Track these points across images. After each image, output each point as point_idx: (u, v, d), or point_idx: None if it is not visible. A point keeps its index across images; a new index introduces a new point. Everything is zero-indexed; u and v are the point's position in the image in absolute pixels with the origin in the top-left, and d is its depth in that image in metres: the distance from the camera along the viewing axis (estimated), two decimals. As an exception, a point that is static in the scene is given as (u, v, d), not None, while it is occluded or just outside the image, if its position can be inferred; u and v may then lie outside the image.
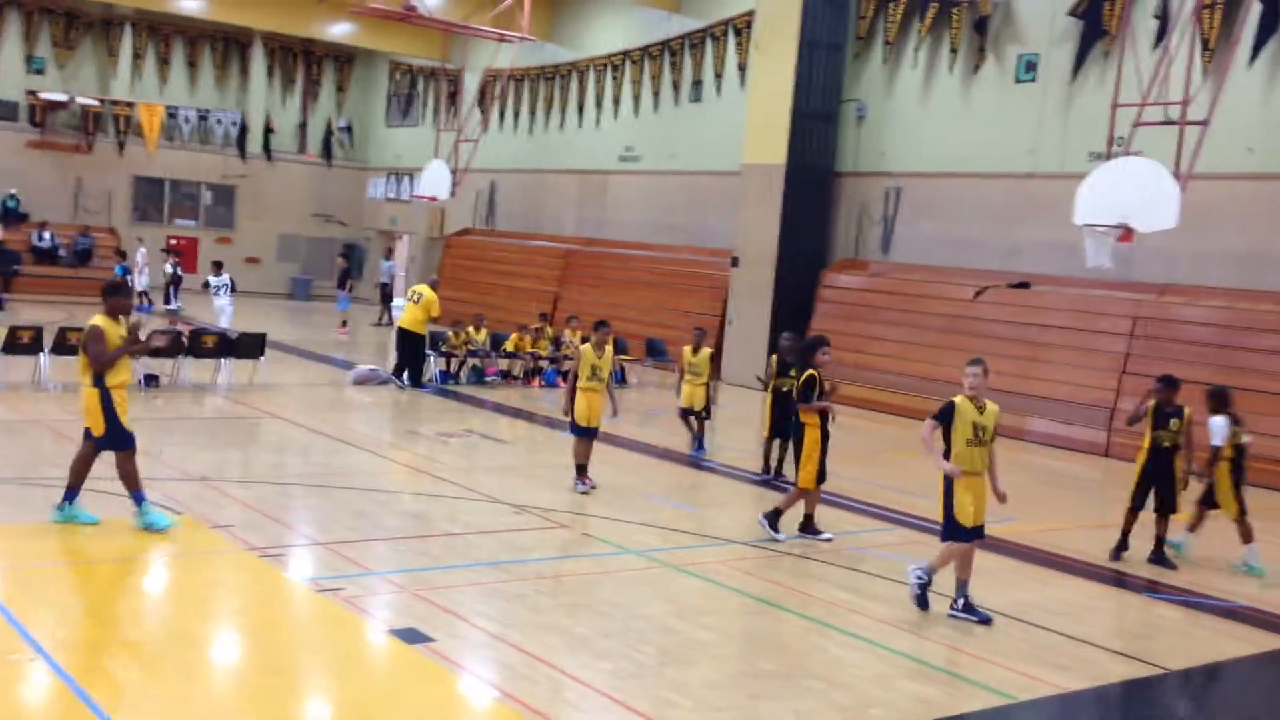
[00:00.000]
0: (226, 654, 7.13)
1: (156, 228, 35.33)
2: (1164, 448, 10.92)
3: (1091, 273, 16.61)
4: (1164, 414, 10.98)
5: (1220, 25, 17.67)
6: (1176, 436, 10.90)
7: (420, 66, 36.67)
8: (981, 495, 8.62)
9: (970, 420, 8.51)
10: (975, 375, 8.55)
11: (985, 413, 8.59)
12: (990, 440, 8.60)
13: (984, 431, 8.51)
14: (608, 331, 12.35)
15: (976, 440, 8.49)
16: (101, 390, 9.08)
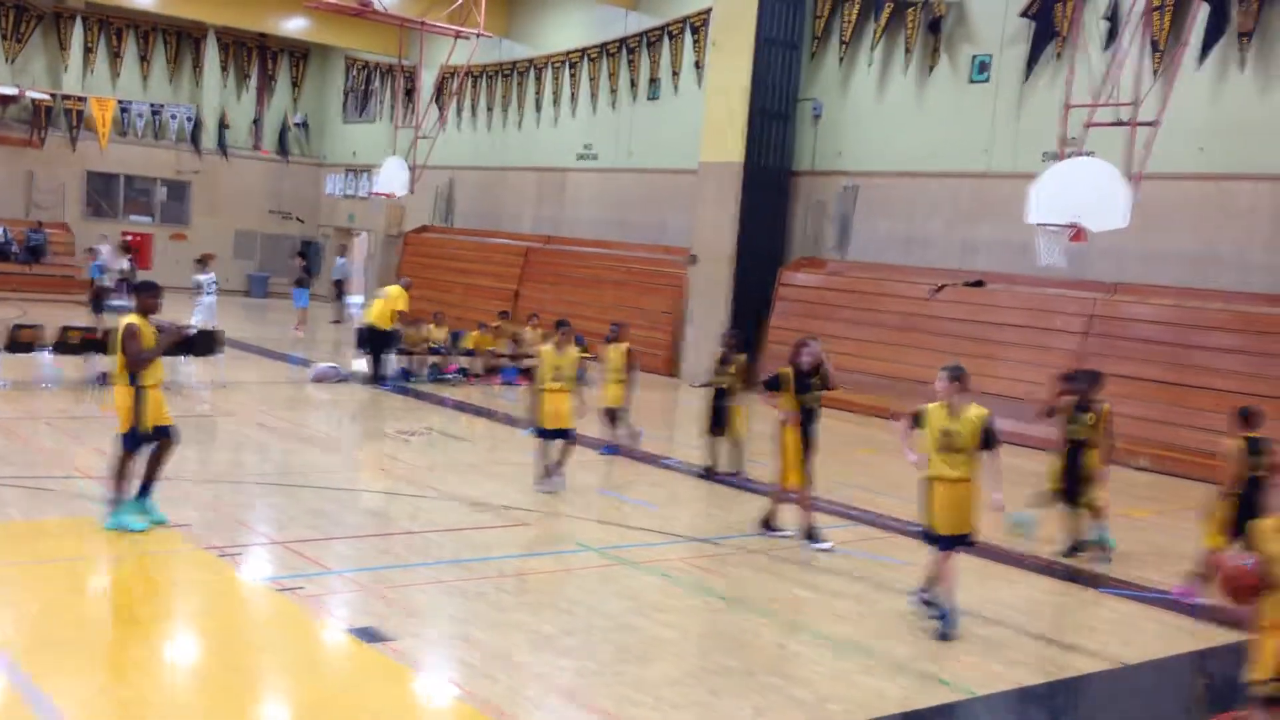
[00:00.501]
0: (184, 654, 7.09)
1: (110, 224, 34.88)
2: (1075, 441, 10.93)
3: (1045, 271, 16.83)
4: (1078, 408, 11.02)
5: (1169, 27, 17.96)
6: (1092, 431, 10.86)
7: (377, 62, 36.46)
8: (957, 503, 8.25)
9: (939, 426, 8.30)
10: (940, 381, 8.38)
11: (960, 419, 8.26)
12: (967, 447, 8.20)
13: (955, 437, 8.21)
14: (569, 331, 12.29)
15: (947, 446, 8.23)
16: (137, 389, 9.18)
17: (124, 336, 9.21)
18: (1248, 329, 16.80)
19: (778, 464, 10.64)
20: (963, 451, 8.21)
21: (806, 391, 10.48)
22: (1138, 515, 13.53)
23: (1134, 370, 17.56)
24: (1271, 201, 17.28)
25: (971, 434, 8.21)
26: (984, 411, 8.27)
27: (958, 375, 8.36)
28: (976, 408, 8.31)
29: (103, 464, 11.67)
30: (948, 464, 8.22)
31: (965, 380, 8.35)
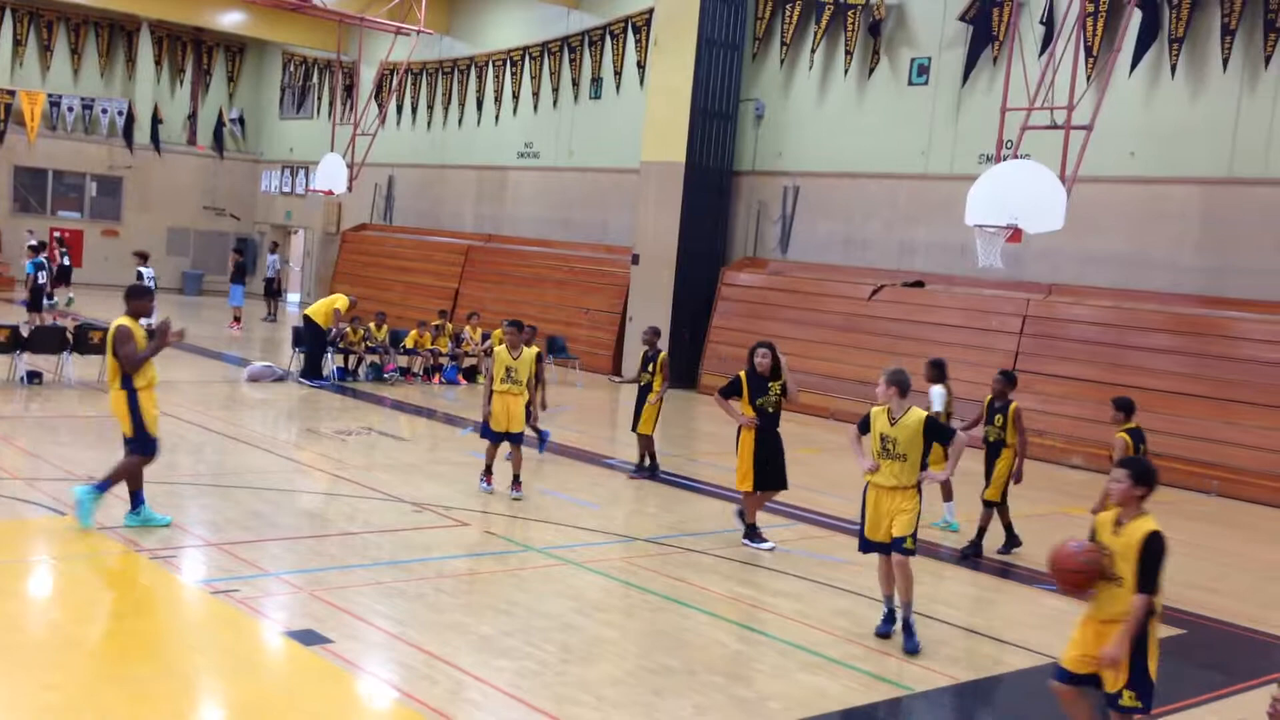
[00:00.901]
0: (116, 658, 6.93)
1: (39, 219, 34.17)
2: (990, 441, 11.12)
3: (983, 272, 17.02)
4: (992, 409, 11.24)
5: (1103, 33, 18.26)
6: (1000, 431, 11.08)
7: (315, 58, 36.07)
8: (888, 510, 7.98)
9: (879, 431, 8.04)
10: (880, 385, 8.15)
11: (897, 424, 7.99)
12: (905, 454, 7.91)
13: (892, 444, 7.92)
14: (519, 332, 11.83)
15: (885, 452, 7.98)
16: (130, 391, 9.15)
17: (116, 339, 9.09)
18: (1181, 330, 17.12)
19: (738, 468, 10.56)
20: (900, 459, 7.93)
21: (763, 395, 10.24)
22: (1074, 513, 13.73)
23: (1070, 370, 17.84)
24: (1202, 205, 17.63)
25: (909, 440, 7.92)
26: (922, 415, 7.99)
27: (896, 380, 8.09)
28: (916, 412, 8.04)
29: (30, 464, 11.42)
30: (888, 471, 7.96)
31: (905, 384, 8.08)
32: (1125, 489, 5.71)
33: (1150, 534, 5.61)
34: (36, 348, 16.62)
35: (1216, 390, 16.44)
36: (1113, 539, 5.73)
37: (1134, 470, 5.75)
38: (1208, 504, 15.19)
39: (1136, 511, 5.73)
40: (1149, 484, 5.75)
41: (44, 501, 9.96)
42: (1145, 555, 5.59)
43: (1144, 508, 5.72)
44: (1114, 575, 5.68)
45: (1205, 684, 8.06)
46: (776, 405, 10.33)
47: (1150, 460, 6.56)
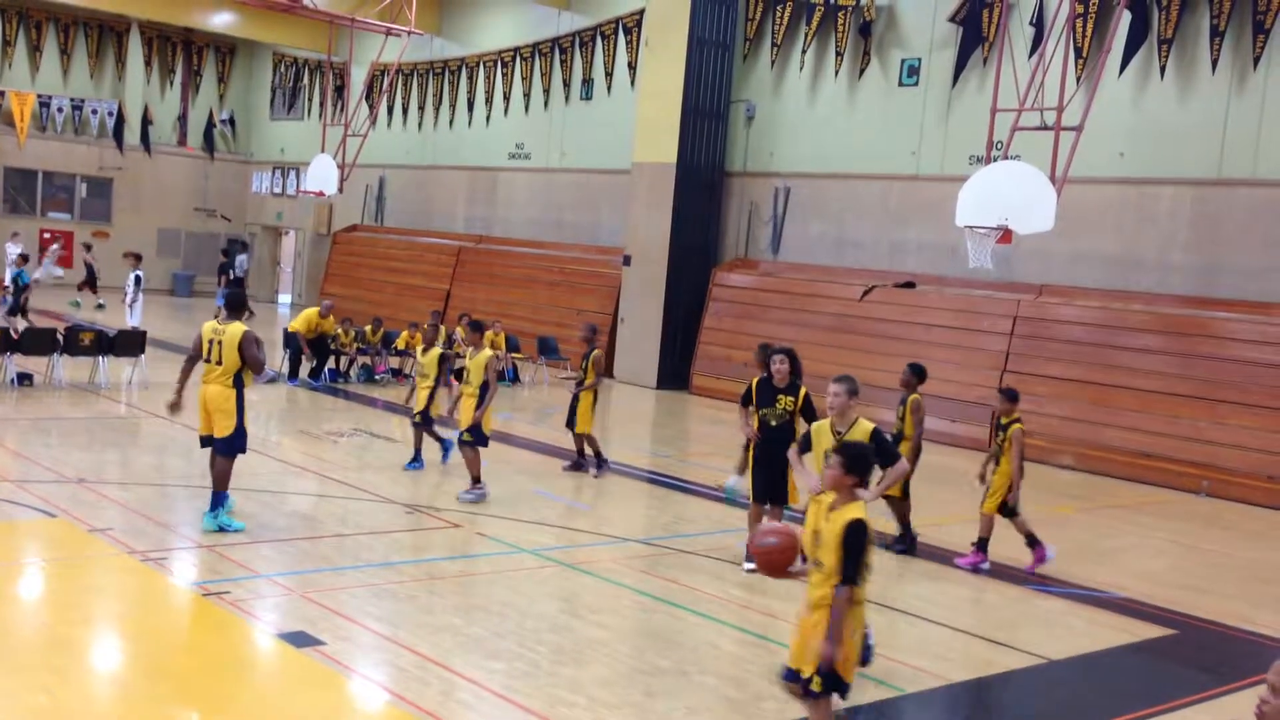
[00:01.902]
0: (108, 660, 6.93)
1: (29, 220, 34.08)
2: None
3: (973, 273, 17.06)
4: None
5: (1092, 35, 18.32)
6: (900, 423, 11.15)
7: (305, 59, 36.00)
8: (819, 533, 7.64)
9: (825, 446, 7.43)
10: (832, 394, 7.64)
11: (845, 437, 7.47)
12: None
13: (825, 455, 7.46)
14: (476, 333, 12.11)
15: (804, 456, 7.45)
16: (239, 391, 9.61)
17: (247, 342, 9.51)
18: (1169, 330, 17.18)
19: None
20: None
21: (768, 407, 9.41)
22: (1063, 513, 13.78)
23: (1059, 371, 17.89)
24: (1191, 206, 17.69)
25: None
26: (868, 427, 7.50)
27: (855, 390, 7.59)
28: (863, 425, 7.57)
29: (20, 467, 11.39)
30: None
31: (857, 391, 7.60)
32: (836, 475, 5.49)
33: (852, 522, 5.38)
34: (27, 350, 16.58)
35: (1206, 390, 16.49)
36: (824, 524, 5.50)
37: (847, 456, 5.53)
38: (1198, 504, 15.24)
39: (848, 499, 5.50)
40: (861, 472, 5.53)
41: (34, 504, 9.93)
42: (847, 543, 5.36)
43: (857, 494, 5.54)
44: (814, 560, 5.50)
45: (1195, 684, 8.09)
46: (782, 420, 9.41)
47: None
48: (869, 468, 5.66)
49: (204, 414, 9.66)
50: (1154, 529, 13.31)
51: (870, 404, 19.47)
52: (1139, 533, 13.06)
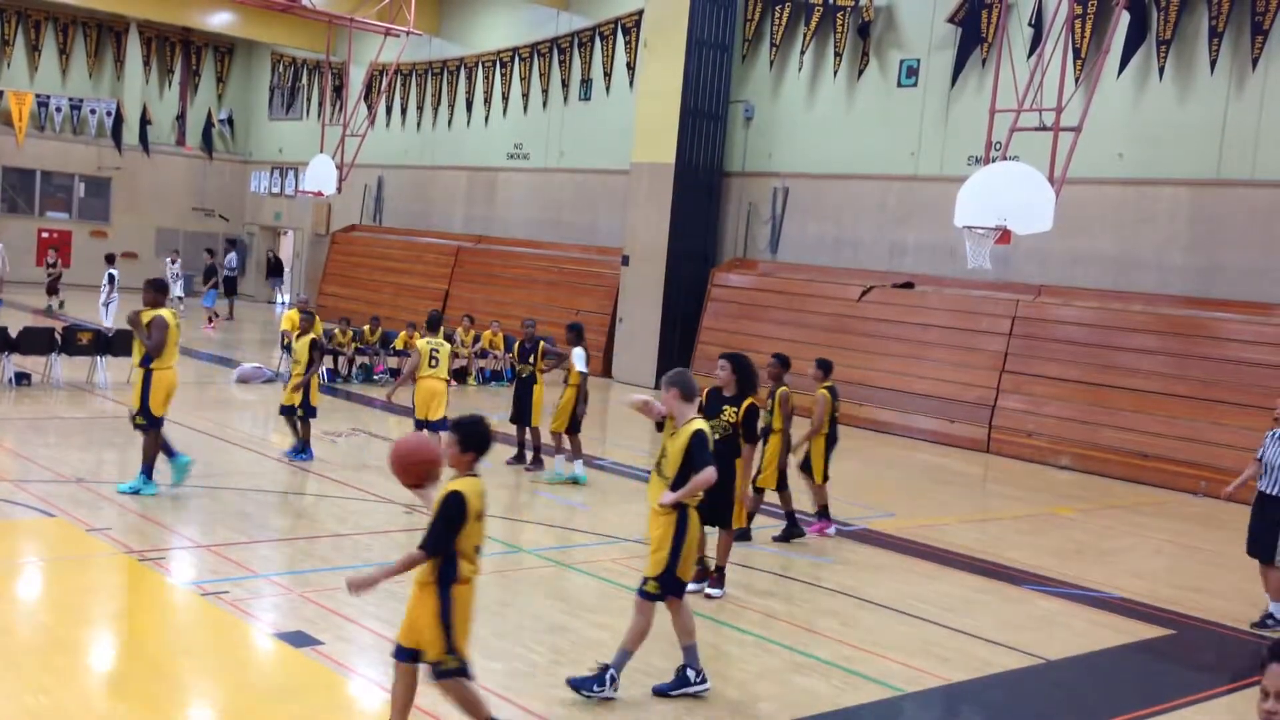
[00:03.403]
0: (106, 660, 6.92)
1: (27, 220, 34.07)
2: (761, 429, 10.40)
3: (972, 273, 17.08)
4: (769, 396, 10.73)
5: (1091, 35, 18.32)
6: (768, 417, 10.66)
7: (304, 59, 35.99)
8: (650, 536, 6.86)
9: (663, 444, 6.87)
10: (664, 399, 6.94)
11: (672, 439, 6.80)
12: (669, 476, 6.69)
13: (663, 462, 6.78)
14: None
15: (656, 469, 6.84)
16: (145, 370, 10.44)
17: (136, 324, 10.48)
18: (1167, 330, 17.19)
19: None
20: (665, 479, 6.74)
21: (714, 417, 8.48)
22: (1062, 513, 13.78)
23: (1058, 371, 17.89)
24: (1189, 206, 17.70)
25: (676, 457, 6.72)
26: (690, 429, 6.73)
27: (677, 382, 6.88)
28: (695, 423, 6.80)
29: (18, 466, 11.38)
30: (653, 490, 6.82)
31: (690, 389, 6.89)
32: (453, 454, 5.44)
33: (449, 493, 5.30)
34: (25, 349, 16.57)
35: (1204, 391, 16.50)
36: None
37: (460, 433, 5.45)
38: (1195, 504, 15.24)
39: (467, 473, 5.43)
40: (476, 448, 5.43)
41: (32, 504, 9.92)
42: (440, 512, 5.28)
43: (475, 470, 5.46)
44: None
45: (1194, 684, 8.10)
46: (725, 433, 8.45)
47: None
48: (482, 444, 5.47)
49: None
50: (1152, 529, 13.31)
51: (868, 404, 19.58)
52: (1137, 533, 13.07)
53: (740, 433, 8.53)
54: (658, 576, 6.69)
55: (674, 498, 6.63)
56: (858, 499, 13.40)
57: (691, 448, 6.64)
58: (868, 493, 13.99)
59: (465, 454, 5.44)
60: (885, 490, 14.40)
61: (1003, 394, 18.30)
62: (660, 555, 6.70)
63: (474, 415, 5.59)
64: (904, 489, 14.74)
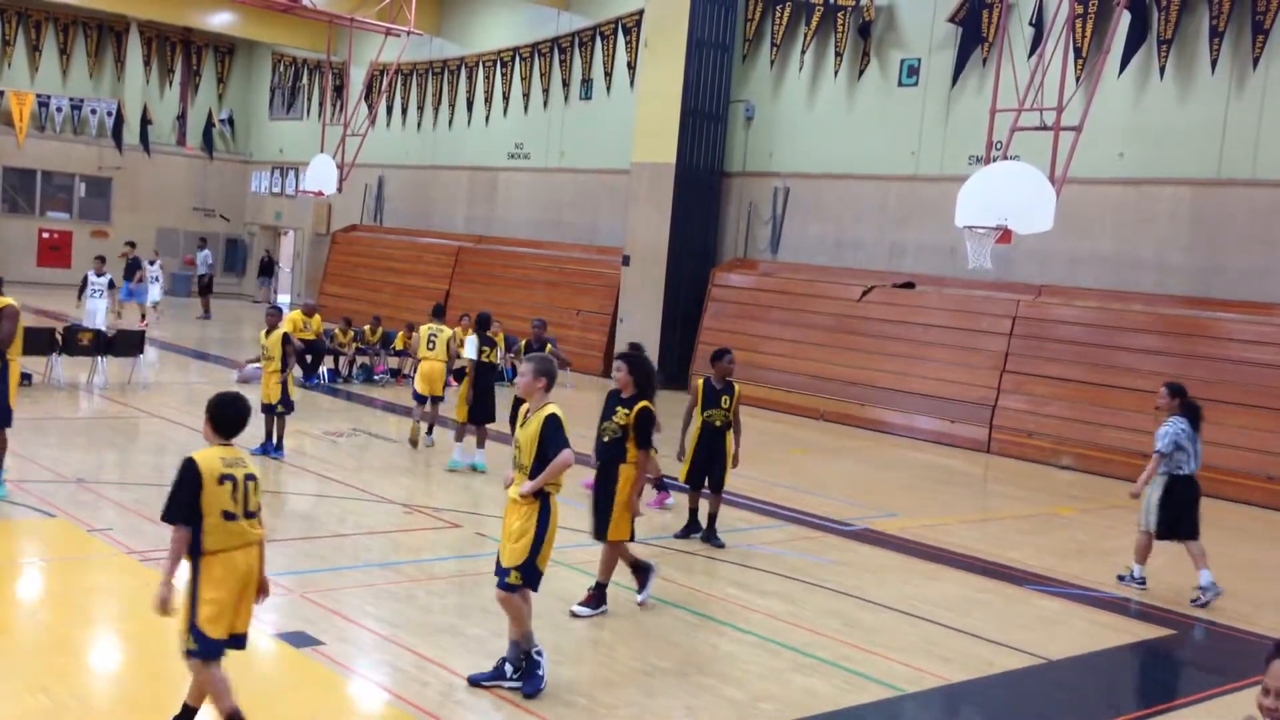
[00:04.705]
0: (106, 661, 6.92)
1: (27, 220, 34.07)
2: (715, 427, 10.58)
3: (972, 273, 17.07)
4: (715, 392, 10.61)
5: (1092, 35, 18.32)
6: (727, 414, 10.59)
7: (305, 59, 36.00)
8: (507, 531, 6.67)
9: (516, 433, 6.72)
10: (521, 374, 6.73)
11: (524, 427, 6.63)
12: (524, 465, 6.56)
13: (517, 452, 6.64)
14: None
15: (514, 461, 6.68)
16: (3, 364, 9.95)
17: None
18: (1168, 330, 17.18)
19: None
20: (522, 469, 6.59)
21: (606, 419, 8.36)
22: (1063, 513, 13.77)
23: (1058, 371, 17.88)
24: (1190, 206, 17.69)
25: (529, 447, 6.55)
26: (543, 413, 6.55)
27: (544, 371, 6.66)
28: (543, 411, 6.57)
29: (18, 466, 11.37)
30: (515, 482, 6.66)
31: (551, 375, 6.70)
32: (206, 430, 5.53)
33: (183, 461, 5.31)
34: (25, 349, 16.52)
35: (1204, 391, 16.40)
36: None
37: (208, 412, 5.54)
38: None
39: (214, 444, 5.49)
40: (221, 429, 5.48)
41: (32, 504, 9.92)
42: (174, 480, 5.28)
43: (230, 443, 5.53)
44: None
45: (1195, 684, 8.09)
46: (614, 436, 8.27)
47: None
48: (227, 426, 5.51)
49: None
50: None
51: (867, 404, 19.58)
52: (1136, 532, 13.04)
53: (632, 436, 8.18)
54: (519, 566, 6.57)
55: (533, 485, 6.49)
56: (859, 499, 13.40)
57: (543, 433, 6.48)
58: (869, 493, 13.99)
59: (215, 432, 5.49)
60: (886, 490, 14.39)
61: (1003, 394, 18.29)
62: (522, 544, 6.56)
63: (230, 394, 5.64)
64: (905, 489, 14.74)
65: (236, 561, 5.35)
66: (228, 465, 5.37)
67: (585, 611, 8.17)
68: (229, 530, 5.30)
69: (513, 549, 6.59)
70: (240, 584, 5.38)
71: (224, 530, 5.28)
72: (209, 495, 5.24)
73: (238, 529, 5.35)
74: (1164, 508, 10.11)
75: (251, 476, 5.49)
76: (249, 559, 5.45)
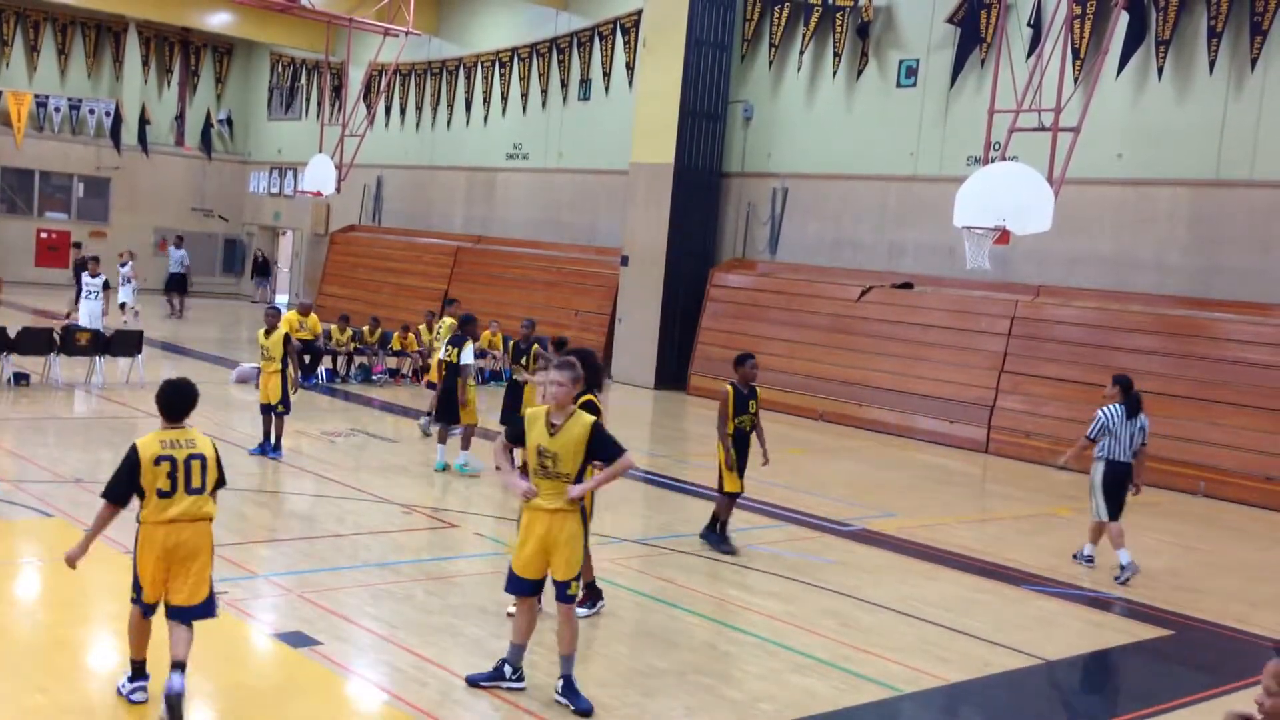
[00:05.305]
0: (103, 660, 6.91)
1: (26, 220, 34.05)
2: (746, 432, 10.55)
3: (971, 274, 17.07)
4: (743, 397, 10.53)
5: (1090, 35, 18.32)
6: (754, 418, 10.59)
7: (303, 59, 35.99)
8: (548, 542, 6.49)
9: (535, 443, 6.47)
10: (561, 381, 6.53)
11: (557, 435, 6.43)
12: (567, 473, 6.40)
13: (553, 460, 6.41)
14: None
15: (542, 471, 6.44)
16: None
17: None
18: (1166, 331, 17.18)
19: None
20: (560, 478, 6.44)
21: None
22: (1061, 514, 13.78)
23: (1057, 371, 17.89)
24: (1188, 207, 17.70)
25: (573, 455, 6.42)
26: (588, 420, 6.46)
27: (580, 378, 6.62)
28: (582, 416, 6.49)
29: (17, 466, 11.37)
30: (544, 492, 6.46)
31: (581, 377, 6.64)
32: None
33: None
34: (24, 349, 16.56)
35: (1202, 391, 16.50)
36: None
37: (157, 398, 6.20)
38: (1194, 504, 15.25)
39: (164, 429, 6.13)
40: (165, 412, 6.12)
41: (31, 504, 9.92)
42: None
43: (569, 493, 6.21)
44: None
45: (1193, 685, 8.09)
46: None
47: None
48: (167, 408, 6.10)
49: None
50: (1150, 529, 13.30)
51: (865, 404, 19.58)
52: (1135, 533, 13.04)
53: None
54: (577, 577, 6.58)
55: (586, 488, 6.46)
56: (857, 499, 13.41)
57: (595, 439, 6.41)
58: (867, 493, 13.99)
59: (162, 415, 6.13)
60: (885, 490, 14.40)
61: (1002, 394, 18.29)
62: (575, 554, 6.51)
63: (174, 380, 6.24)
64: (903, 489, 14.74)
65: (161, 535, 5.95)
66: (167, 447, 5.98)
67: (582, 611, 8.12)
68: (161, 506, 5.93)
69: (567, 560, 6.48)
70: (169, 556, 5.98)
71: (157, 505, 5.93)
72: (146, 475, 5.91)
73: (173, 505, 5.95)
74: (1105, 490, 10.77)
75: (196, 456, 6.06)
76: (180, 535, 5.98)
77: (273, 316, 13.27)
